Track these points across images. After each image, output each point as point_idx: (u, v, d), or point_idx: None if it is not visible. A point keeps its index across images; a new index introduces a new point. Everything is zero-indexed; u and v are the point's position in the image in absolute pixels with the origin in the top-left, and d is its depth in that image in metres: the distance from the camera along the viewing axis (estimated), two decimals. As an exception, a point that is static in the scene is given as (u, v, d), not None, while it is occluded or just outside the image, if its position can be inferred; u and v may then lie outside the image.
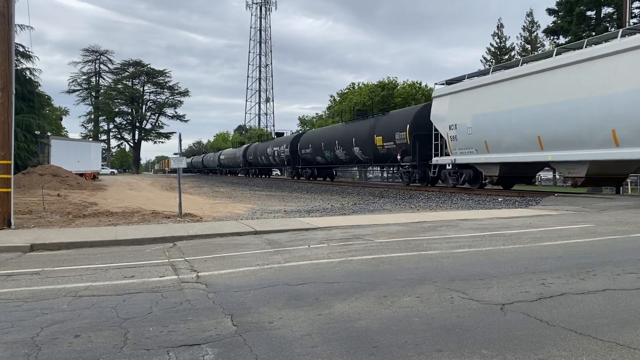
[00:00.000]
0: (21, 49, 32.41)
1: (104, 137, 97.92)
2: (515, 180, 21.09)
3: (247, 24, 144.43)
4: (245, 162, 56.64)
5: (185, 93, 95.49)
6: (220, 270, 5.95)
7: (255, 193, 25.46)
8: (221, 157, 70.63)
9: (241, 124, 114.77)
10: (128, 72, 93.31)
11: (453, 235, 8.34)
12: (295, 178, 42.88)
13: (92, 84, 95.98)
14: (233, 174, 69.72)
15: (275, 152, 45.22)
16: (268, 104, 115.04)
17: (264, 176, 56.03)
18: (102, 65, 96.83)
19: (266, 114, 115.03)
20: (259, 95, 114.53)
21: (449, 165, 21.42)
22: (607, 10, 35.08)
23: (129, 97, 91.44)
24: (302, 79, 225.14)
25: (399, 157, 24.47)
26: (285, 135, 56.54)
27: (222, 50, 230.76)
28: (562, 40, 37.52)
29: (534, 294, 4.48)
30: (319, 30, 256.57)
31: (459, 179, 21.35)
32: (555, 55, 16.30)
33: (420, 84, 55.65)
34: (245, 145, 60.52)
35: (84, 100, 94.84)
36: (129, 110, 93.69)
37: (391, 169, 33.21)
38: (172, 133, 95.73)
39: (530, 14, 55.83)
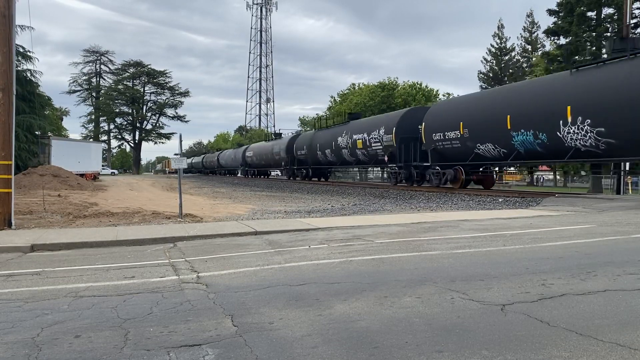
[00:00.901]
0: (22, 50, 32.48)
1: (104, 137, 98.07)
2: None
3: (248, 25, 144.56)
4: (291, 160, 41.60)
5: (185, 93, 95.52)
6: (220, 270, 5.95)
7: (256, 194, 25.45)
8: (247, 154, 55.88)
9: (241, 125, 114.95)
10: (129, 72, 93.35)
11: (453, 235, 8.34)
12: (405, 183, 25.62)
13: (92, 84, 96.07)
14: (264, 175, 56.79)
15: (359, 141, 28.77)
16: (268, 105, 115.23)
17: (318, 180, 38.67)
18: (102, 66, 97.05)
19: (267, 114, 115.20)
20: (259, 96, 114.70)
21: None
22: (607, 11, 35.09)
23: (129, 97, 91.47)
24: (302, 80, 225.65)
25: None
26: (366, 115, 41.31)
27: (223, 50, 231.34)
28: (562, 40, 37.54)
29: (535, 295, 4.48)
30: (320, 30, 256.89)
31: None
32: None
33: (420, 84, 55.71)
34: (290, 137, 45.15)
35: (85, 100, 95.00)
36: (130, 111, 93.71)
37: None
38: (172, 134, 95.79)
39: (530, 15, 55.97)
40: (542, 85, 18.64)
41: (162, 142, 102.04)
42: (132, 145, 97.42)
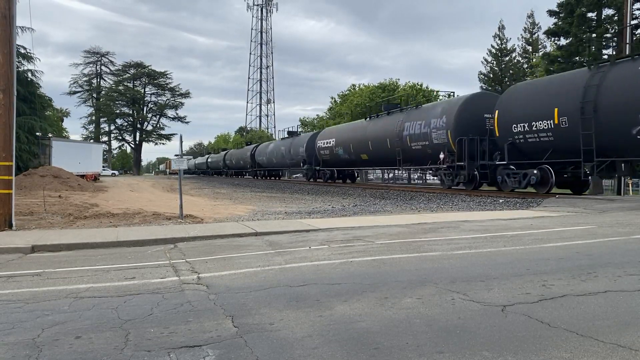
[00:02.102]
0: (22, 51, 32.51)
1: (105, 138, 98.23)
2: None
3: (249, 26, 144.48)
4: (463, 153, 19.98)
5: (186, 94, 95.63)
6: (221, 271, 5.95)
7: (257, 194, 25.45)
8: (321, 144, 34.37)
9: (242, 126, 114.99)
10: (129, 73, 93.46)
11: (454, 236, 8.34)
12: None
13: (93, 85, 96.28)
14: (349, 178, 35.05)
15: None
16: (269, 106, 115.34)
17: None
18: (103, 67, 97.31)
19: (267, 115, 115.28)
20: (260, 97, 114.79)
21: None
22: (607, 11, 35.10)
23: (130, 98, 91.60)
24: (303, 81, 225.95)
25: None
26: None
27: (224, 51, 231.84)
28: (563, 41, 37.56)
29: (535, 296, 4.48)
30: (321, 31, 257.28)
31: None
32: None
33: (421, 85, 55.78)
34: (463, 99, 20.98)
35: (85, 101, 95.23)
36: (130, 112, 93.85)
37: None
38: (173, 134, 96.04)
39: (531, 16, 55.98)
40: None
41: (163, 143, 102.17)
42: (133, 146, 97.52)
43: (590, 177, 16.57)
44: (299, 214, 13.56)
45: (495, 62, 56.81)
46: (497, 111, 19.01)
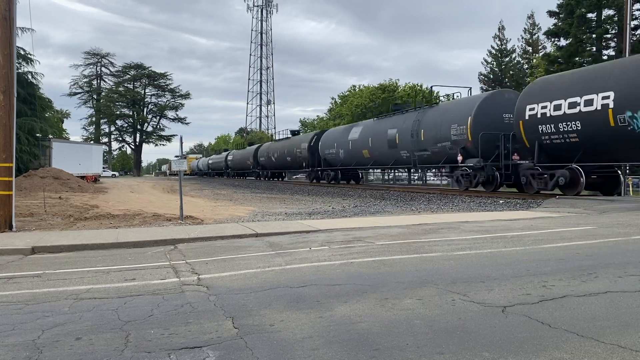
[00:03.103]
0: (22, 52, 32.54)
1: (105, 139, 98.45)
2: None
3: (250, 27, 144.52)
4: None
5: (186, 96, 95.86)
6: (221, 272, 5.95)
7: (257, 195, 25.44)
8: (550, 110, 15.86)
9: (242, 127, 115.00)
10: (129, 74, 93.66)
11: (454, 237, 8.34)
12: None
13: (93, 86, 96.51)
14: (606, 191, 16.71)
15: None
16: (269, 107, 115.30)
17: None
18: (103, 68, 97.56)
19: (267, 116, 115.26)
20: (260, 98, 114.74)
21: None
22: (607, 12, 35.12)
23: (130, 99, 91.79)
24: (304, 82, 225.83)
25: None
26: None
27: (225, 52, 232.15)
28: (563, 42, 37.60)
29: (536, 297, 4.48)
30: (322, 33, 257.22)
31: None
32: None
33: (421, 86, 55.84)
34: None
35: (86, 103, 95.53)
36: (130, 113, 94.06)
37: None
38: (173, 135, 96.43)
39: (531, 16, 56.12)
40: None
41: (163, 144, 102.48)
42: (133, 147, 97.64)
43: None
44: (299, 215, 13.56)
45: (495, 63, 56.89)
46: None
